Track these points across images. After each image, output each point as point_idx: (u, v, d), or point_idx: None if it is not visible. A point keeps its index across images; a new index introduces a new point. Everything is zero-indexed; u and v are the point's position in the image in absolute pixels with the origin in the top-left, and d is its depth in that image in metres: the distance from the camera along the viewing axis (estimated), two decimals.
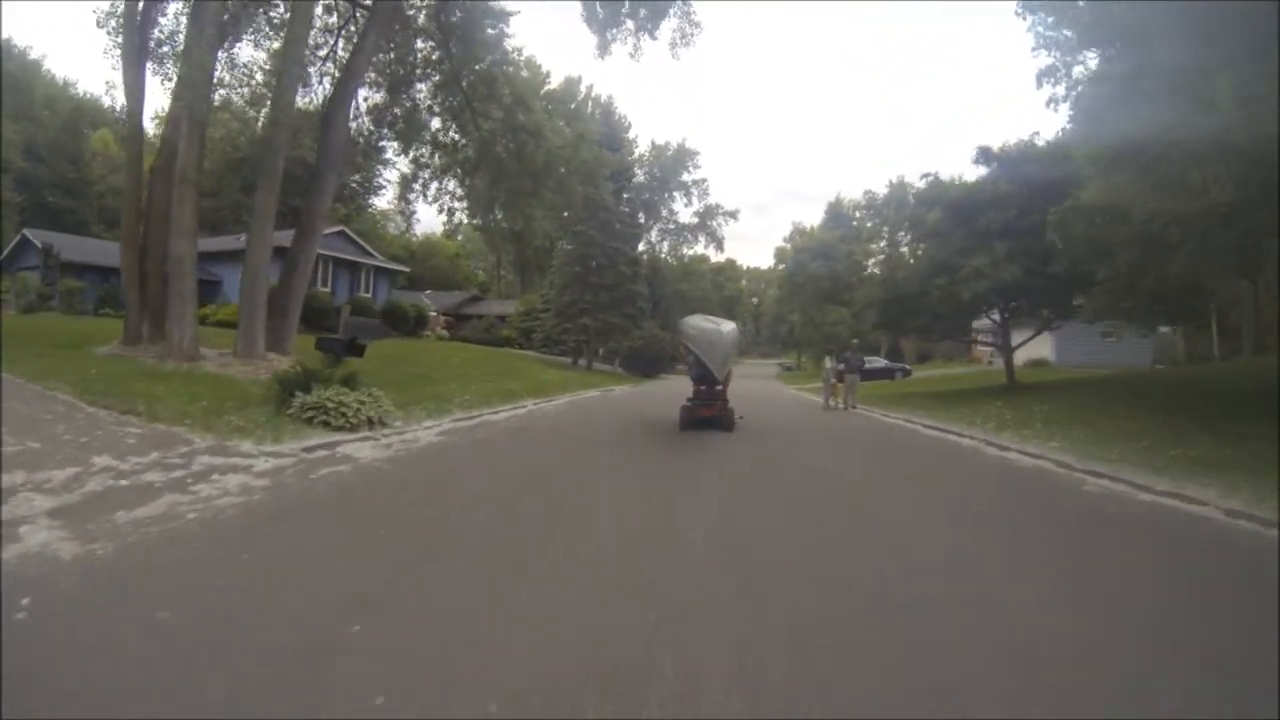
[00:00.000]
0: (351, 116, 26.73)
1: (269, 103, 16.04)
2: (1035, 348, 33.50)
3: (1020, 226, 15.71)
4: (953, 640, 2.78)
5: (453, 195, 27.84)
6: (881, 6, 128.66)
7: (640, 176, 61.89)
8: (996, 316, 18.61)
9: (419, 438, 8.17)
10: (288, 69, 14.86)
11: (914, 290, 17.06)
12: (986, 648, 2.72)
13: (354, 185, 60.92)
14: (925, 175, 17.67)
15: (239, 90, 19.32)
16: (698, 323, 11.29)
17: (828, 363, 16.95)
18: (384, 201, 60.07)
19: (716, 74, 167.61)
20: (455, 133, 26.29)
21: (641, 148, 65.87)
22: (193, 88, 14.23)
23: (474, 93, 24.47)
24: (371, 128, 26.78)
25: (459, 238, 79.23)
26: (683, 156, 67.67)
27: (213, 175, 52.87)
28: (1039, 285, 15.32)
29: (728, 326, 11.33)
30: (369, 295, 36.76)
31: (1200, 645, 2.85)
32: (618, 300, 32.68)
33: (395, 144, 27.11)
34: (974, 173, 18.16)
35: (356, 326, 10.21)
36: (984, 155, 17.46)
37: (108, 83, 38.51)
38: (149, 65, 17.25)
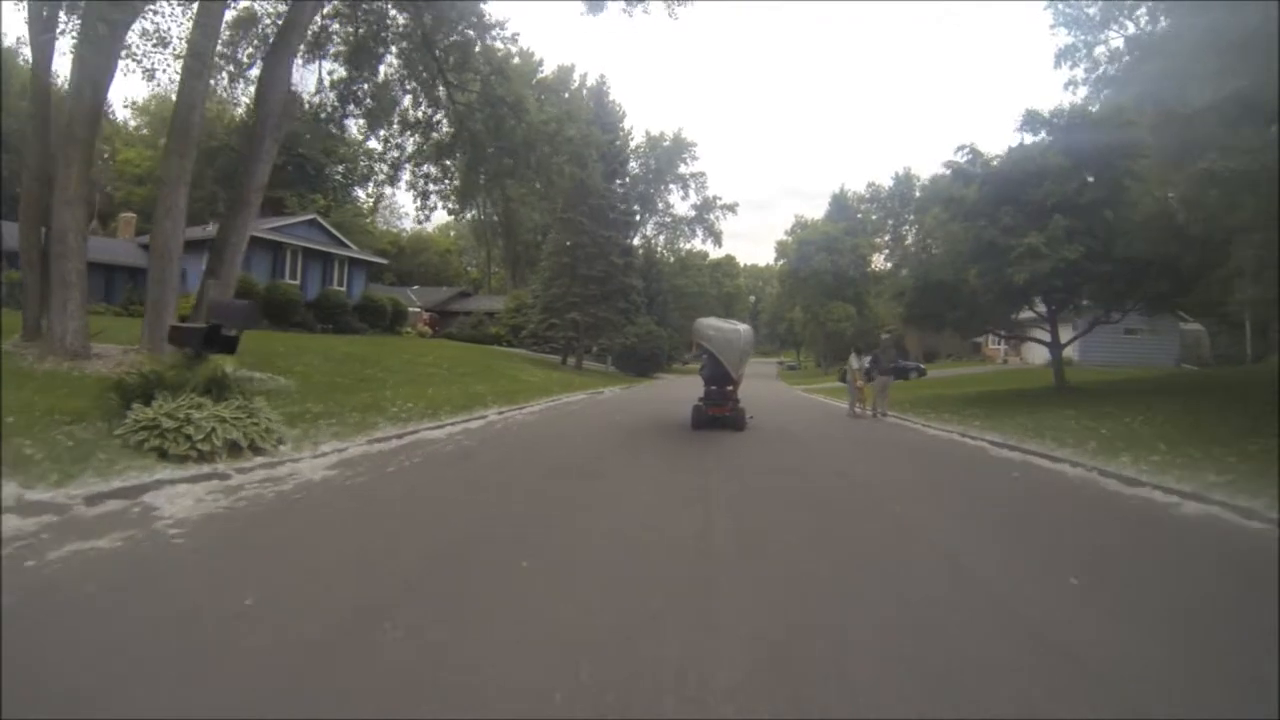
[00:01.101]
0: (315, 90, 24.32)
1: (186, 49, 13.44)
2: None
3: (1077, 202, 13.33)
4: None
5: (427, 178, 25.27)
6: (883, 6, 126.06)
7: (635, 168, 59.06)
8: (1041, 308, 16.19)
9: (297, 472, 5.63)
10: (205, 5, 12.32)
11: (952, 277, 14.54)
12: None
13: (338, 177, 58.41)
14: (961, 148, 15.17)
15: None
16: (714, 323, 11.58)
17: (854, 361, 14.33)
18: (368, 194, 57.68)
19: (716, 70, 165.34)
20: (427, 108, 23.74)
21: (637, 139, 63.05)
22: (91, 42, 11.74)
23: (446, 61, 21.91)
24: (336, 104, 24.26)
25: (451, 233, 76.60)
26: (679, 148, 65.07)
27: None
28: (1103, 271, 12.84)
29: (743, 328, 11.61)
30: (343, 288, 34.16)
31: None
32: (609, 294, 30.02)
33: (362, 121, 24.44)
34: (1017, 141, 15.71)
35: (221, 310, 7.53)
36: (1031, 121, 15.00)
37: (19, 39, 34.93)
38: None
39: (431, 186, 25.23)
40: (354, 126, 26.44)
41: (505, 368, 23.69)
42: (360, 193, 59.39)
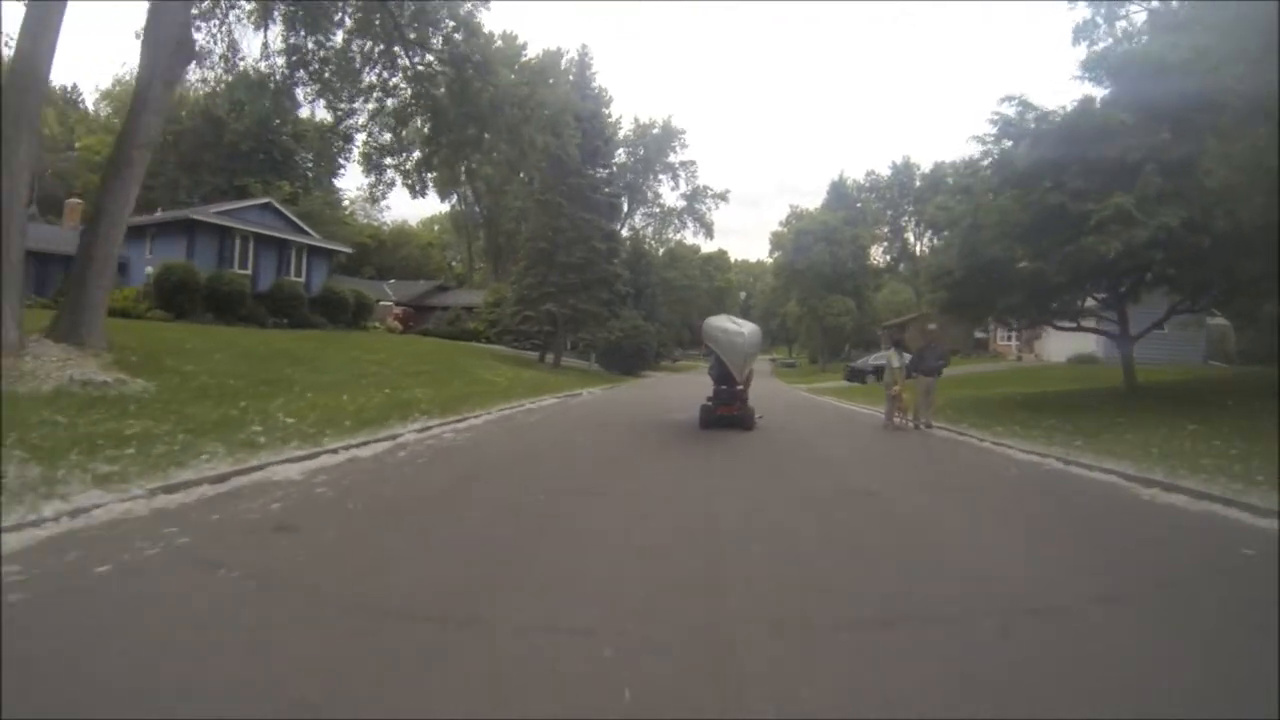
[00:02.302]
0: (261, 55, 21.41)
1: None
2: (1079, 342, 28.63)
3: (1163, 159, 10.72)
4: None
5: (381, 150, 22.30)
6: (884, 6, 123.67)
7: (623, 156, 56.18)
8: (1101, 295, 13.60)
9: None
10: None
11: (1005, 256, 11.81)
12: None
13: (307, 169, 55.28)
14: (1008, 98, 12.46)
15: None
16: (721, 325, 11.66)
17: (894, 359, 11.47)
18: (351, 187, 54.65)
19: (709, 65, 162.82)
20: (383, 70, 20.83)
21: (625, 128, 60.09)
22: None
23: (402, 14, 19.03)
24: (286, 71, 21.32)
25: (435, 227, 73.41)
26: (669, 135, 62.45)
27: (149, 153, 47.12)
28: (1202, 243, 10.15)
29: (749, 328, 11.58)
30: (300, 279, 31.08)
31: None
32: (590, 283, 27.06)
33: (311, 88, 21.47)
34: (1075, 94, 13.02)
35: None
36: (1096, 66, 12.34)
37: None
38: None
39: (388, 160, 22.23)
40: (308, 104, 23.57)
41: (469, 366, 20.84)
42: (335, 182, 56.52)
